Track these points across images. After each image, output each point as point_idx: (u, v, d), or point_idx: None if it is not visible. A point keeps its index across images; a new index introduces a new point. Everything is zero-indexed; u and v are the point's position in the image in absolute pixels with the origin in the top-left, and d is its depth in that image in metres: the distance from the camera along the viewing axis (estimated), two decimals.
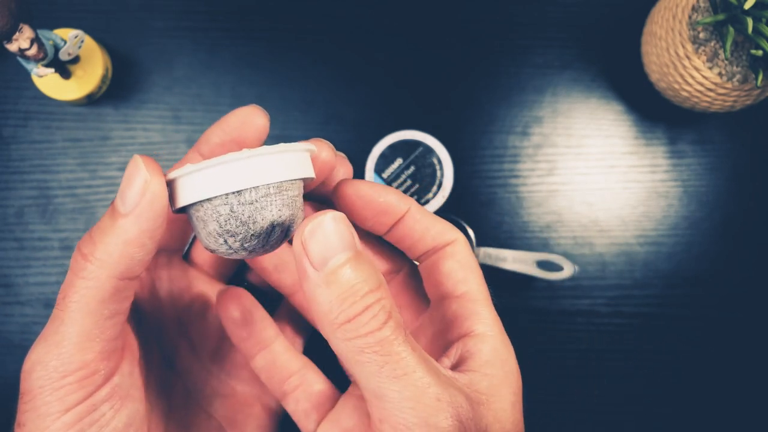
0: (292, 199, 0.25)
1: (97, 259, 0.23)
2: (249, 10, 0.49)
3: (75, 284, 0.23)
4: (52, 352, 0.23)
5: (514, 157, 0.49)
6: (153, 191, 0.23)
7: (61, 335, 0.23)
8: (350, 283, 0.22)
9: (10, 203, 0.48)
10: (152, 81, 0.49)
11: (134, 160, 0.23)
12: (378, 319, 0.22)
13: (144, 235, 0.23)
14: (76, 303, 0.23)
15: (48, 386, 0.23)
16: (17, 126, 0.48)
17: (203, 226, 0.25)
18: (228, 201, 0.24)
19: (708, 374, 0.49)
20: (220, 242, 0.25)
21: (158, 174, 0.23)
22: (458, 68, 0.50)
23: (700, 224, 0.49)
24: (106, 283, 0.23)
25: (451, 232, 0.29)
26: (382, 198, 0.28)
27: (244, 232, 0.24)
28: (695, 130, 0.50)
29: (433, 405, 0.22)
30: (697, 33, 0.42)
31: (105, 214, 0.24)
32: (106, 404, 0.24)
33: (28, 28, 0.38)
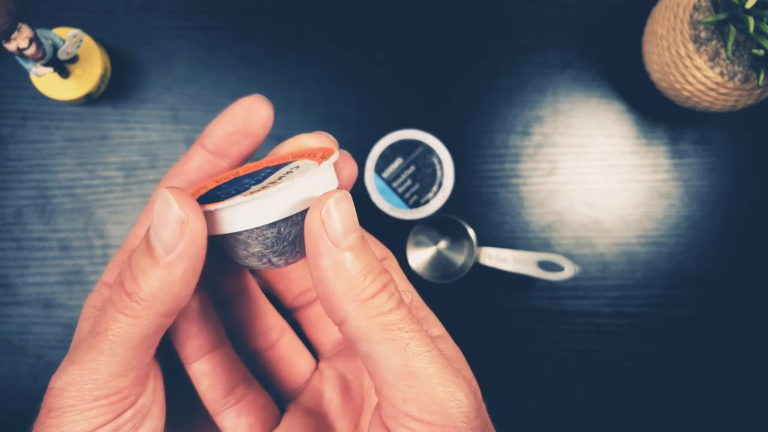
0: None
1: (143, 300, 0.22)
2: (249, 10, 0.49)
3: (119, 320, 0.23)
4: (87, 377, 0.23)
5: (515, 156, 0.49)
6: (193, 230, 0.22)
7: (99, 364, 0.23)
8: (368, 260, 0.22)
9: (8, 203, 0.48)
10: (151, 81, 0.49)
11: (163, 195, 0.22)
12: (395, 298, 0.23)
13: (188, 274, 0.23)
14: (120, 337, 0.23)
15: (79, 407, 0.23)
16: (16, 126, 0.48)
17: (245, 248, 0.24)
18: (276, 225, 0.24)
19: (708, 374, 0.49)
20: (264, 261, 0.24)
21: (195, 210, 0.22)
22: (458, 68, 0.50)
23: (701, 224, 0.49)
24: (153, 321, 0.23)
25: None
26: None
27: (290, 250, 0.24)
28: (696, 129, 0.50)
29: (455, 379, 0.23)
30: (699, 32, 0.42)
31: (140, 249, 0.23)
32: (128, 424, 0.24)
33: (27, 28, 0.38)
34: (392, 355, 0.22)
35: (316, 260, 0.22)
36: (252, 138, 0.28)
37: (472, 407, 0.23)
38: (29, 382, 0.47)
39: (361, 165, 0.47)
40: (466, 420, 0.22)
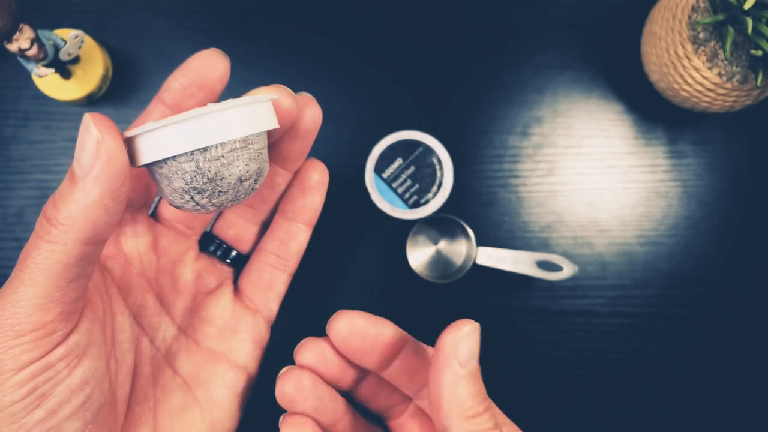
0: (258, 152, 0.25)
1: (61, 224, 0.22)
2: (249, 11, 0.50)
3: (39, 246, 0.23)
4: (8, 311, 0.23)
5: (514, 157, 0.49)
6: (108, 151, 0.22)
7: (19, 295, 0.23)
8: (480, 386, 0.26)
9: (10, 203, 0.48)
10: (152, 81, 0.49)
11: (84, 119, 0.23)
12: (492, 421, 0.26)
13: (106, 197, 0.23)
14: (40, 265, 0.23)
15: (1, 345, 0.23)
16: (17, 126, 0.48)
17: (167, 183, 0.24)
18: (193, 158, 0.23)
19: (708, 374, 0.49)
20: (187, 199, 0.24)
21: (112, 132, 0.22)
22: (458, 68, 0.50)
23: (699, 224, 0.49)
24: (72, 248, 0.23)
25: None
26: (378, 330, 0.29)
27: (212, 188, 0.24)
28: (695, 130, 0.50)
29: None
30: (697, 33, 0.42)
31: (64, 179, 0.23)
32: (61, 362, 0.24)
33: (29, 28, 0.38)
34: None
35: (441, 370, 0.26)
36: (208, 91, 0.28)
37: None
38: None
39: (361, 165, 0.48)
40: None
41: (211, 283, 0.33)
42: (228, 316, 0.32)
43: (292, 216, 0.33)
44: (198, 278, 0.33)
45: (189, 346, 0.31)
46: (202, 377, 0.31)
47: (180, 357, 0.31)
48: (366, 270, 0.49)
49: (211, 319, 0.32)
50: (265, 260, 0.33)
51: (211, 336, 0.32)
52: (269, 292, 0.34)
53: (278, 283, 0.34)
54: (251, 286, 0.33)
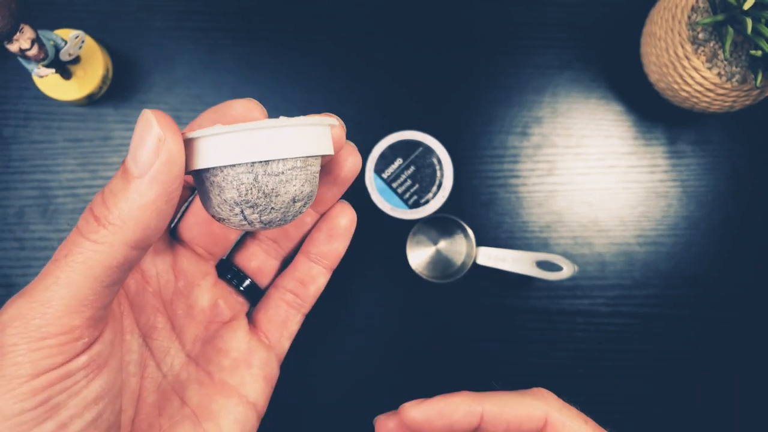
0: (314, 175, 0.24)
1: (111, 224, 0.21)
2: (249, 11, 0.50)
3: (82, 245, 0.21)
4: (37, 310, 0.21)
5: (514, 157, 0.49)
6: (169, 150, 0.21)
7: (52, 293, 0.21)
8: None
9: (10, 203, 0.48)
10: (153, 81, 0.49)
11: (144, 115, 0.21)
12: None
13: (161, 199, 0.21)
14: (81, 264, 0.21)
15: (23, 345, 0.21)
16: (18, 126, 0.48)
17: (218, 193, 0.23)
18: (253, 170, 0.22)
19: (707, 374, 0.49)
20: (236, 212, 0.23)
21: (174, 131, 0.21)
22: (458, 68, 0.50)
23: (699, 224, 0.49)
24: (118, 250, 0.21)
25: (536, 412, 0.28)
26: (452, 412, 0.27)
27: (265, 204, 0.23)
28: (694, 130, 0.50)
29: None
30: (697, 33, 0.42)
31: (116, 175, 0.22)
32: (81, 372, 0.22)
33: (29, 29, 0.38)
34: None
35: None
36: None
37: None
38: None
39: (362, 165, 0.48)
40: None
41: (226, 312, 0.32)
42: (244, 349, 0.31)
43: (315, 258, 0.32)
44: (214, 306, 0.32)
45: (200, 376, 0.30)
46: (213, 410, 0.29)
47: (190, 387, 0.30)
48: (366, 270, 0.49)
49: (227, 350, 0.31)
50: (282, 297, 0.32)
51: (225, 368, 0.31)
52: (284, 329, 0.33)
53: (292, 321, 0.33)
54: (267, 322, 0.32)
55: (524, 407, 0.27)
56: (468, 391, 0.28)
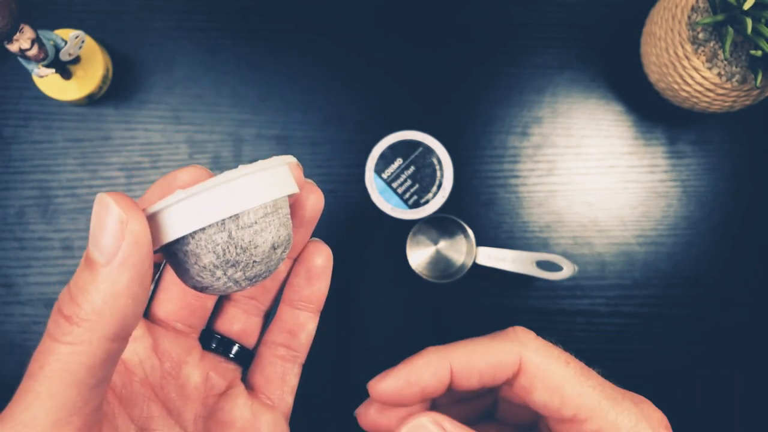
0: (287, 218, 0.23)
1: (84, 320, 0.19)
2: (249, 11, 0.50)
3: (56, 351, 0.19)
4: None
5: (514, 157, 0.49)
6: (134, 231, 0.19)
7: (35, 411, 0.19)
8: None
9: (10, 203, 0.48)
10: (153, 81, 0.49)
11: (100, 199, 0.20)
12: None
13: (134, 284, 0.20)
14: (59, 372, 0.19)
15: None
16: (18, 126, 0.48)
17: (195, 261, 0.22)
18: (225, 227, 0.21)
19: (707, 374, 0.49)
20: (218, 275, 0.22)
21: (135, 210, 0.20)
22: (458, 68, 0.50)
23: (699, 224, 0.49)
24: (98, 346, 0.20)
25: (508, 356, 0.26)
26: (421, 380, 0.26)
27: (246, 259, 0.22)
28: (694, 130, 0.50)
29: None
30: (697, 33, 0.42)
31: (79, 268, 0.20)
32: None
33: (29, 29, 0.38)
34: None
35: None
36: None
37: None
38: None
39: (362, 165, 0.48)
40: None
41: (220, 383, 0.30)
42: (248, 417, 0.29)
43: (299, 305, 0.31)
44: (206, 380, 0.30)
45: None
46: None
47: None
48: (366, 270, 0.49)
49: (231, 421, 0.29)
50: (275, 353, 0.31)
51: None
52: (284, 386, 0.31)
53: (291, 375, 0.31)
54: (265, 382, 0.31)
55: (494, 353, 0.26)
56: (434, 347, 0.26)
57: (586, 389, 0.26)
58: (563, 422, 0.26)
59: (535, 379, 0.26)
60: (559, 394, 0.25)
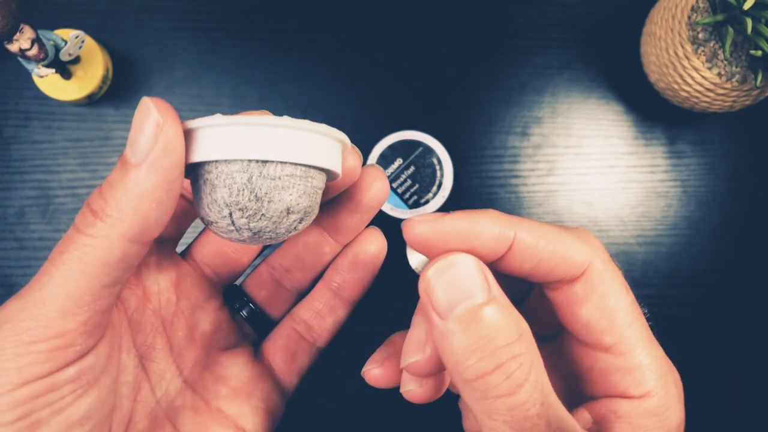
0: (315, 190, 0.22)
1: (108, 216, 0.20)
2: (249, 11, 0.50)
3: (78, 240, 0.20)
4: (29, 311, 0.20)
5: (514, 157, 0.49)
6: (167, 137, 0.20)
7: (46, 293, 0.20)
8: (480, 333, 0.19)
9: (10, 203, 0.48)
10: (153, 81, 0.49)
11: (143, 103, 0.20)
12: (512, 382, 0.19)
13: (160, 189, 0.20)
14: (76, 261, 0.20)
15: (10, 349, 0.19)
16: (18, 126, 0.48)
17: (209, 191, 0.21)
18: (249, 169, 0.21)
19: (707, 374, 0.49)
20: (224, 214, 0.21)
21: (173, 117, 0.20)
22: (458, 68, 0.50)
23: (699, 224, 0.49)
24: (116, 244, 0.20)
25: (578, 256, 0.22)
26: (478, 237, 0.22)
27: (255, 208, 0.21)
28: (694, 130, 0.50)
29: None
30: (697, 33, 0.42)
31: (115, 167, 0.21)
32: (69, 386, 0.20)
33: (29, 29, 0.38)
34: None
35: (430, 328, 0.21)
36: None
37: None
38: None
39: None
40: None
41: (228, 338, 0.30)
42: (245, 378, 0.29)
43: (337, 288, 0.30)
44: (216, 330, 0.29)
45: (196, 403, 0.28)
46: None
47: (184, 414, 0.27)
48: None
49: (227, 377, 0.29)
50: (295, 327, 0.30)
51: (223, 396, 0.28)
52: (292, 363, 0.30)
53: (303, 355, 0.30)
54: (274, 352, 0.30)
55: (566, 246, 0.22)
56: (497, 211, 0.23)
57: (636, 323, 0.23)
58: (596, 348, 0.23)
59: (594, 292, 0.23)
60: (610, 317, 0.23)
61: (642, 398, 0.22)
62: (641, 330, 0.23)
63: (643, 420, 0.22)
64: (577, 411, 0.24)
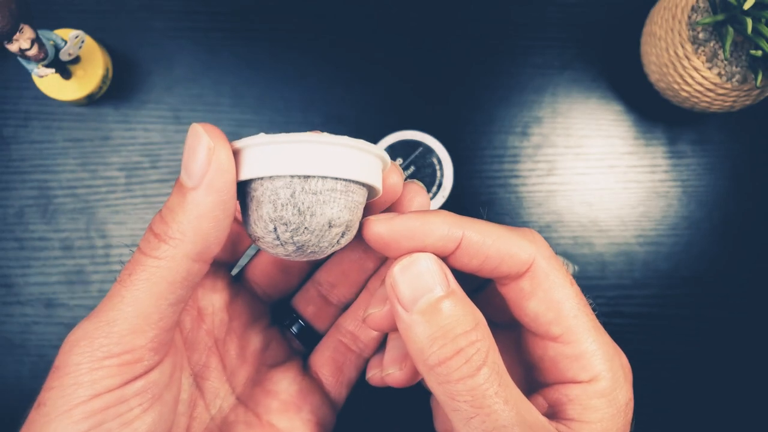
0: (356, 204, 0.23)
1: (171, 237, 0.21)
2: (249, 11, 0.50)
3: (145, 263, 0.22)
4: (103, 329, 0.21)
5: (514, 157, 0.49)
6: (219, 159, 0.21)
7: (118, 313, 0.21)
8: (441, 323, 0.22)
9: (10, 203, 0.48)
10: (152, 81, 0.49)
11: (193, 129, 0.21)
12: (471, 365, 0.21)
13: (217, 208, 0.21)
14: (144, 282, 0.21)
15: (86, 364, 0.21)
16: (18, 126, 0.48)
17: (256, 207, 0.22)
18: (291, 185, 0.22)
19: (708, 374, 0.49)
20: (270, 229, 0.22)
21: (223, 140, 0.21)
22: (458, 68, 0.50)
23: (699, 224, 0.49)
24: (180, 263, 0.22)
25: (521, 253, 0.24)
26: (429, 236, 0.23)
27: (298, 222, 0.22)
28: (695, 130, 0.50)
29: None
30: (697, 33, 0.42)
31: (172, 193, 0.22)
32: (135, 399, 0.22)
33: (29, 29, 0.38)
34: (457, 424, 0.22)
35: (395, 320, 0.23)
36: None
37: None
38: (31, 382, 0.47)
39: None
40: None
41: (279, 355, 0.31)
42: (294, 392, 0.30)
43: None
44: (266, 348, 0.31)
45: (248, 419, 0.29)
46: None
47: (237, 429, 0.28)
48: None
49: (277, 392, 0.30)
50: (342, 339, 0.31)
51: (274, 410, 0.29)
52: (340, 374, 0.31)
53: (351, 367, 0.31)
54: (322, 365, 0.31)
55: (510, 243, 0.24)
56: (448, 212, 0.25)
57: (581, 314, 0.25)
58: (544, 338, 0.25)
59: (539, 287, 0.25)
60: (557, 309, 0.25)
61: (591, 382, 0.24)
62: (586, 320, 0.25)
63: (592, 401, 0.24)
64: (533, 397, 0.26)
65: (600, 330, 0.25)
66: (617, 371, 0.25)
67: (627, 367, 0.26)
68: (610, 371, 0.25)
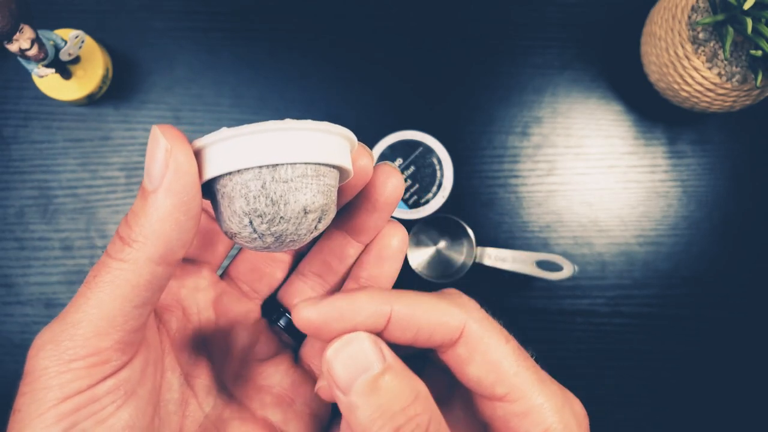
0: (328, 188, 0.23)
1: (134, 240, 0.22)
2: (249, 11, 0.50)
3: (109, 265, 0.22)
4: (68, 332, 0.21)
5: (514, 157, 0.49)
6: (177, 160, 0.21)
7: (83, 314, 0.22)
8: (378, 402, 0.22)
9: (10, 203, 0.48)
10: (153, 81, 0.49)
11: (152, 131, 0.21)
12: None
13: (178, 211, 0.21)
14: (108, 284, 0.22)
15: (53, 368, 0.21)
16: (18, 126, 0.48)
17: (228, 204, 0.22)
18: (261, 176, 0.21)
19: (707, 374, 0.49)
20: (245, 223, 0.22)
21: (181, 141, 0.21)
22: (458, 68, 0.50)
23: (699, 224, 0.49)
24: (143, 266, 0.22)
25: (451, 321, 0.25)
26: (357, 315, 0.24)
27: (273, 213, 0.22)
28: (695, 130, 0.50)
29: None
30: (697, 33, 0.42)
31: (136, 197, 0.22)
32: (108, 397, 0.22)
33: (29, 29, 0.38)
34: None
35: (337, 403, 0.23)
36: None
37: None
38: None
39: None
40: None
41: (269, 350, 0.31)
42: (287, 385, 0.30)
43: (365, 283, 0.30)
44: (256, 344, 0.31)
45: (242, 414, 0.29)
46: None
47: (232, 425, 0.28)
48: None
49: (269, 386, 0.30)
50: None
51: (268, 404, 0.29)
52: None
53: None
54: (312, 356, 0.31)
55: (439, 313, 0.25)
56: (375, 288, 0.25)
57: (522, 369, 0.25)
58: (491, 399, 0.25)
59: (475, 351, 0.25)
60: (496, 370, 0.25)
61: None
62: (528, 374, 0.25)
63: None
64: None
65: (545, 381, 0.26)
66: (569, 420, 0.25)
67: (580, 414, 0.27)
68: (560, 422, 0.25)
